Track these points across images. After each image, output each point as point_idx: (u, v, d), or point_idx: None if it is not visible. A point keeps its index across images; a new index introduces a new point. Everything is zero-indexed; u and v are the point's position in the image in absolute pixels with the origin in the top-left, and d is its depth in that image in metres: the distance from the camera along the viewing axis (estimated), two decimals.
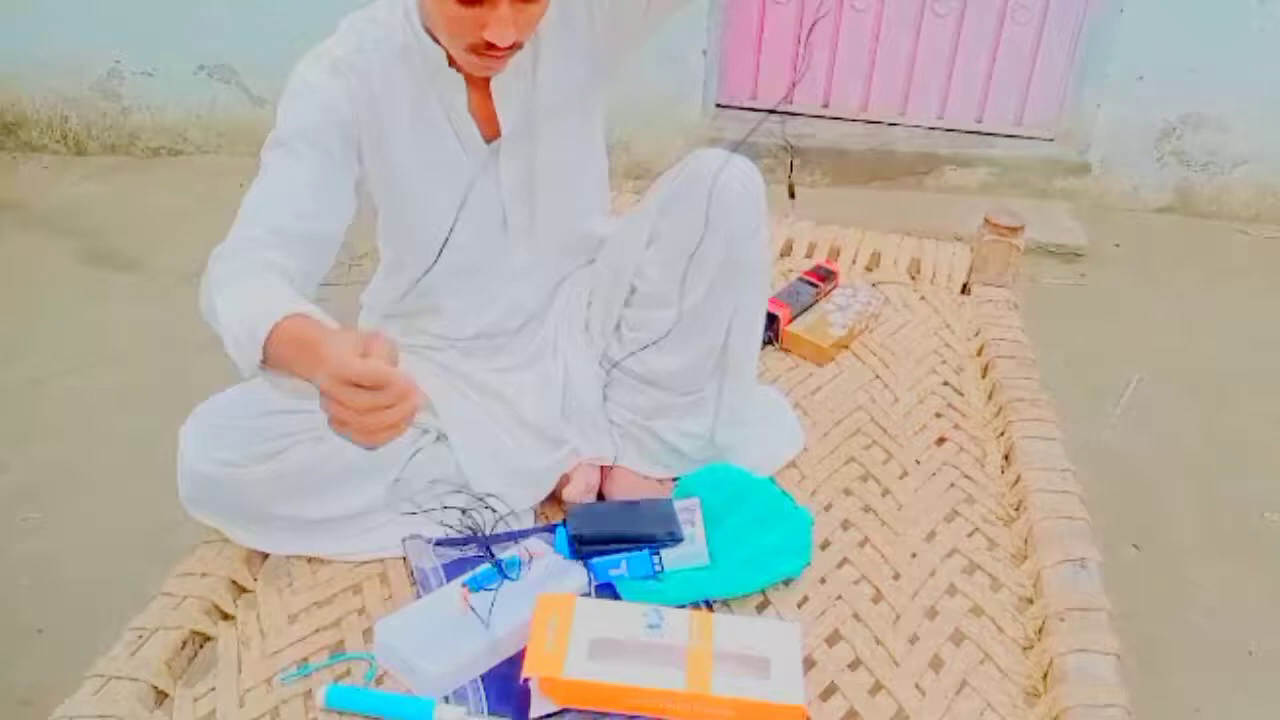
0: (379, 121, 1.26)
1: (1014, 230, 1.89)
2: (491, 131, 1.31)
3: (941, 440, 1.56)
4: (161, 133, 3.53)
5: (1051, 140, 3.38)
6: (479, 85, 1.27)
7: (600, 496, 1.44)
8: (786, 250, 2.04)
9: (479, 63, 1.19)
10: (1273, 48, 3.10)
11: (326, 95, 1.22)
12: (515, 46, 1.17)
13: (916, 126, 3.44)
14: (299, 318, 1.04)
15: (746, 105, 3.46)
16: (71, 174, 3.43)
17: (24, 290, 2.78)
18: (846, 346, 1.78)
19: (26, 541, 1.96)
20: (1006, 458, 1.52)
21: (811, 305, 1.82)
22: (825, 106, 3.44)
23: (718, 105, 3.44)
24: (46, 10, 3.36)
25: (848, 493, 1.46)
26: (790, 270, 1.95)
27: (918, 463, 1.52)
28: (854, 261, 2.01)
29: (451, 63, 1.24)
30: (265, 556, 1.32)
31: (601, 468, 1.44)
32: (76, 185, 3.36)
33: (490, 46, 1.14)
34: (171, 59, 3.41)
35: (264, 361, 1.04)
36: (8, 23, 3.39)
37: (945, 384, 1.70)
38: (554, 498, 1.43)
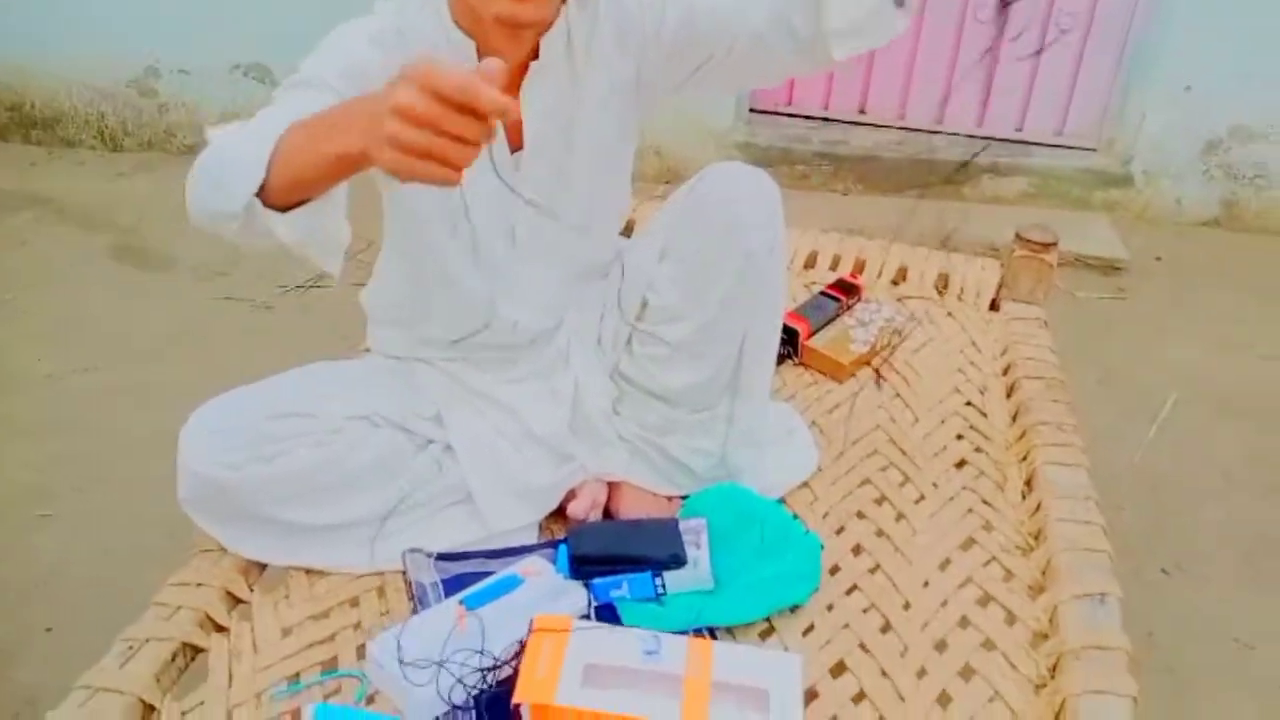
0: None
1: (1047, 246, 1.84)
2: (516, 141, 1.27)
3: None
4: (197, 130, 3.55)
5: (1094, 150, 3.31)
6: (510, 90, 1.23)
7: (607, 513, 1.41)
8: (810, 262, 2.00)
9: (508, 30, 1.14)
10: None
11: (359, 58, 1.17)
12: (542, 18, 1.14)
13: (955, 134, 3.38)
14: (307, 117, 0.97)
15: (781, 110, 3.41)
16: (107, 170, 3.47)
17: (53, 285, 2.80)
18: (868, 363, 1.73)
19: (40, 538, 1.97)
20: (1028, 484, 1.47)
21: (833, 320, 1.78)
22: (861, 113, 3.38)
23: (751, 110, 3.40)
24: (84, 8, 3.39)
25: (861, 516, 1.42)
26: (813, 283, 1.91)
27: (935, 486, 1.47)
28: (879, 275, 1.96)
29: (480, 57, 1.20)
30: (263, 568, 1.31)
31: (609, 484, 1.41)
32: (112, 181, 3.39)
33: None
34: (207, 57, 3.43)
35: (267, 182, 0.97)
36: (47, 20, 3.43)
37: (969, 404, 1.65)
38: (560, 513, 1.40)
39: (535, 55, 1.22)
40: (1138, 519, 2.10)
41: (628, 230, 1.92)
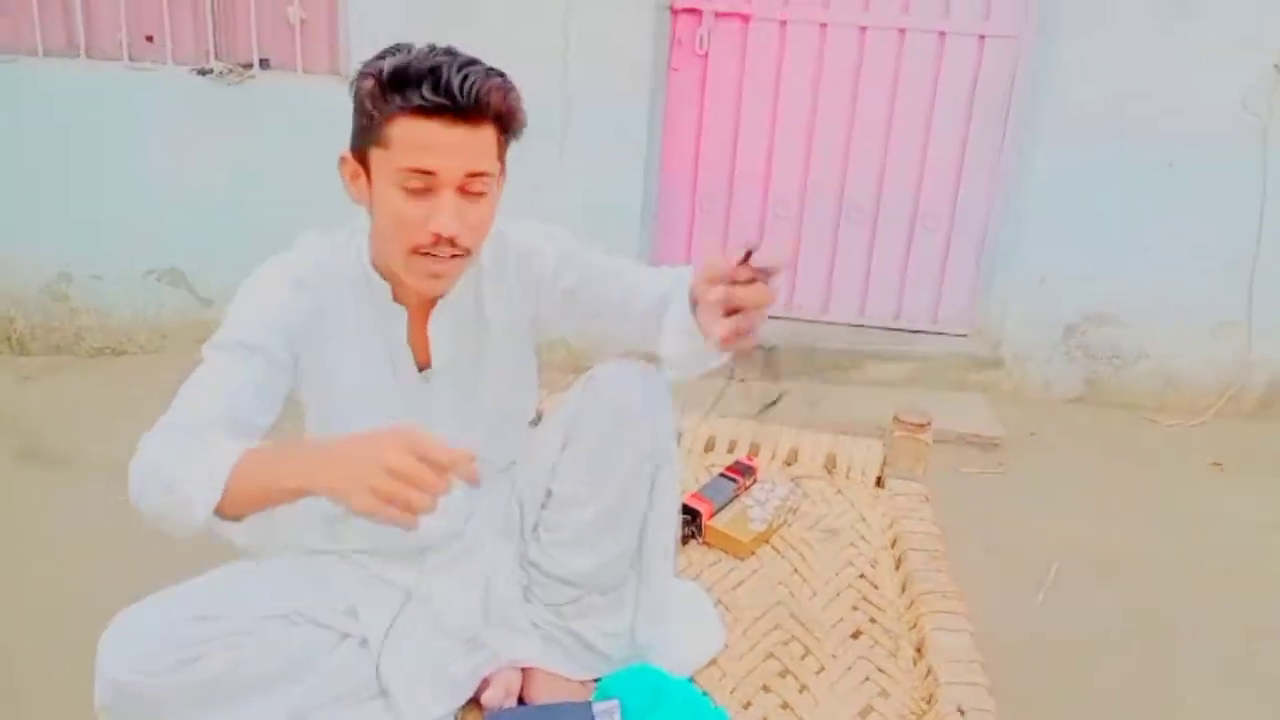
0: (322, 339, 1.34)
1: (921, 426, 2.00)
2: (426, 360, 1.40)
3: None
4: (107, 334, 3.59)
5: (965, 336, 3.58)
6: (419, 318, 1.37)
7: (521, 699, 1.45)
8: (709, 446, 2.12)
9: (424, 268, 1.27)
10: (1160, 257, 3.36)
11: (281, 306, 1.30)
12: (462, 252, 1.26)
13: (839, 324, 3.62)
14: (262, 448, 1.10)
15: None
16: (13, 374, 3.46)
17: None
18: (767, 540, 1.84)
19: None
20: (919, 650, 1.56)
21: (732, 500, 1.89)
22: None
23: None
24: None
25: (766, 689, 1.49)
26: (712, 465, 2.03)
27: (834, 656, 1.56)
28: (773, 457, 2.09)
29: (396, 297, 1.34)
30: None
31: (523, 670, 1.46)
32: (16, 385, 3.38)
33: (436, 242, 1.23)
34: (121, 263, 3.52)
35: (220, 504, 1.10)
36: None
37: (861, 577, 1.76)
38: (475, 701, 1.44)
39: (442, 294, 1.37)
40: (1033, 683, 2.19)
41: (538, 417, 2.03)
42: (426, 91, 1.18)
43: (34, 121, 3.39)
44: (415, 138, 1.20)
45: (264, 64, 3.38)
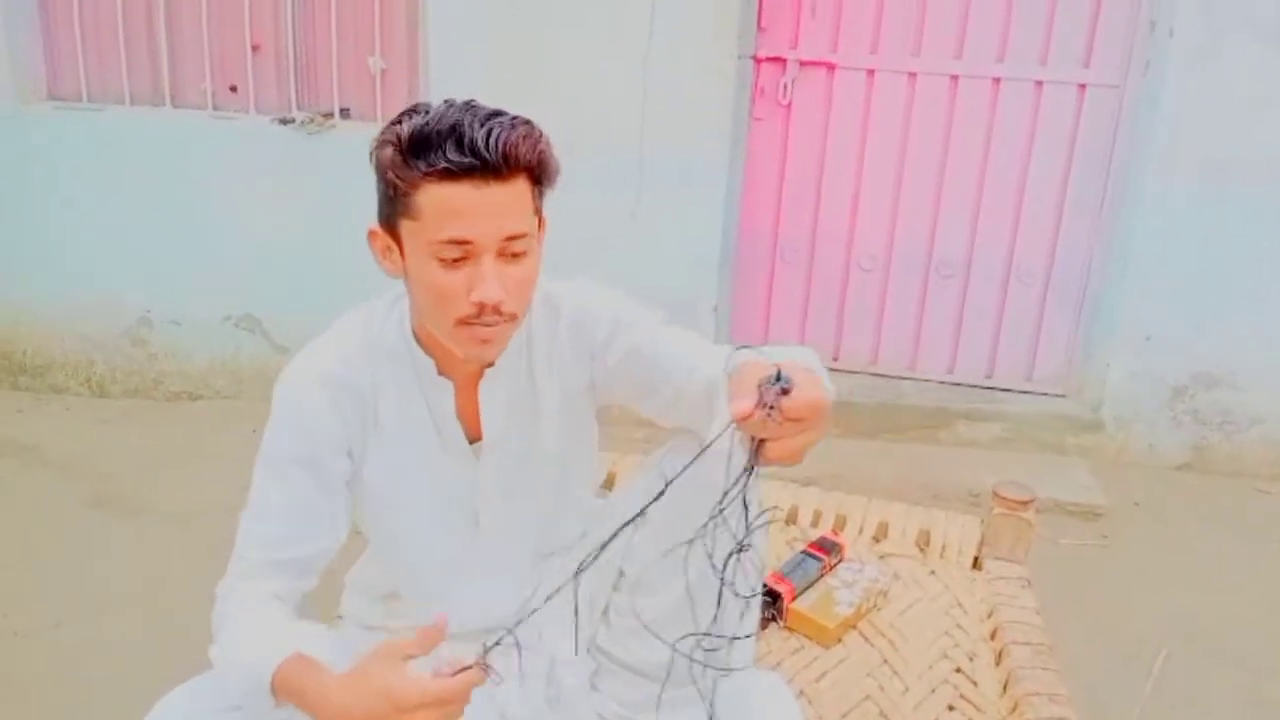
0: (363, 425, 1.27)
1: (1024, 503, 1.85)
2: (476, 433, 1.31)
3: None
4: (184, 378, 3.61)
5: (1063, 396, 3.39)
6: (467, 390, 1.29)
7: None
8: (791, 518, 2.00)
9: (471, 337, 1.18)
10: (1275, 315, 3.14)
11: (314, 414, 1.24)
12: (509, 317, 1.17)
13: (927, 380, 3.47)
14: (294, 662, 1.09)
15: None
16: (91, 417, 3.49)
17: (26, 535, 2.76)
18: (854, 626, 1.70)
19: None
20: None
21: (816, 580, 1.77)
22: (835, 360, 3.49)
23: None
24: (82, 260, 3.53)
25: None
26: (794, 540, 1.90)
27: None
28: (860, 531, 1.96)
29: (441, 370, 1.26)
30: None
31: None
32: (93, 428, 3.41)
33: (480, 311, 1.15)
34: (199, 308, 3.54)
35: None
36: (44, 270, 3.56)
37: (958, 671, 1.61)
38: None
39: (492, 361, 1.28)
40: None
41: (609, 483, 1.94)
42: (451, 153, 1.09)
43: (119, 169, 3.44)
44: (446, 205, 1.11)
45: (344, 113, 3.39)
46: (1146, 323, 3.21)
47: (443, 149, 1.09)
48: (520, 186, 1.14)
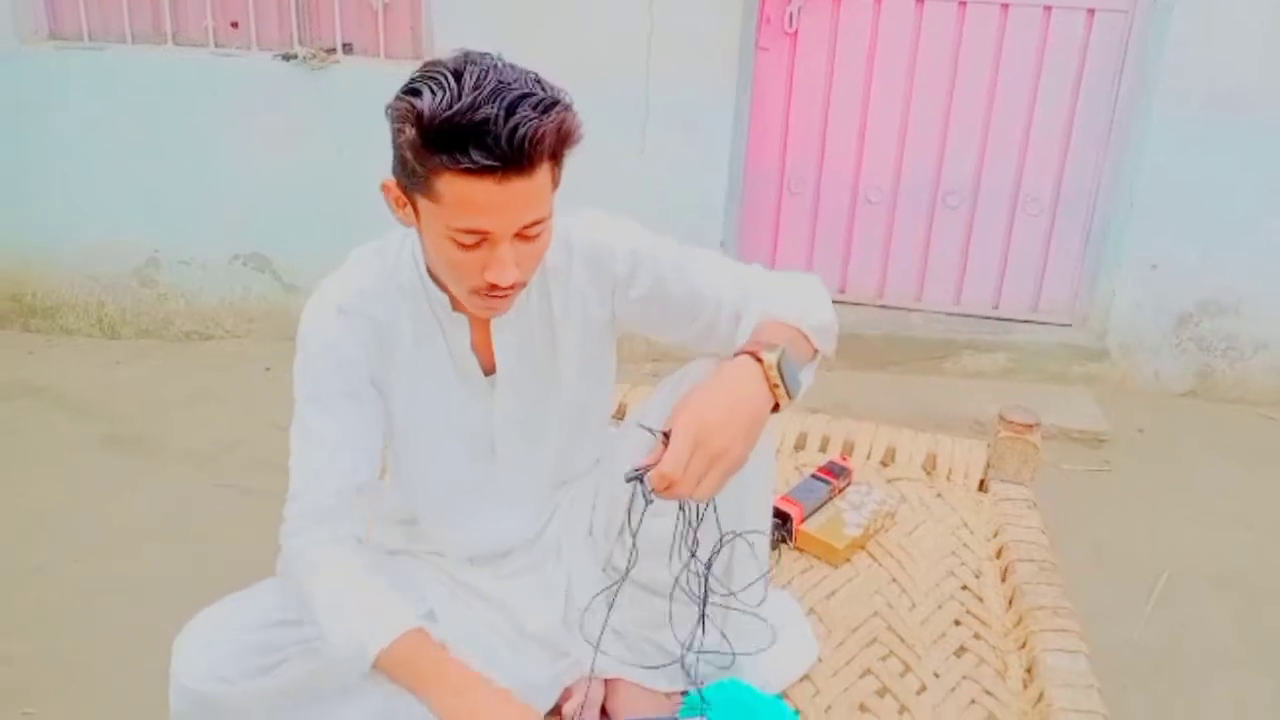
0: (382, 355, 1.28)
1: (1029, 427, 1.87)
2: (492, 366, 1.33)
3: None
4: (194, 318, 3.63)
5: (1069, 326, 3.41)
6: (482, 325, 1.30)
7: (604, 711, 1.38)
8: (800, 444, 2.03)
9: (483, 303, 1.20)
10: (1278, 240, 3.14)
11: (337, 346, 1.24)
12: (517, 286, 1.18)
13: (934, 312, 3.48)
14: (408, 641, 1.13)
15: None
16: (103, 358, 3.52)
17: (43, 475, 2.80)
18: (862, 547, 1.74)
19: None
20: (1029, 671, 1.45)
21: (825, 503, 1.80)
22: (842, 292, 3.50)
23: None
24: (89, 200, 3.53)
25: (863, 709, 1.40)
26: (803, 465, 1.93)
27: (936, 675, 1.46)
28: (868, 456, 1.99)
29: (455, 305, 1.27)
30: None
31: (606, 680, 1.39)
32: (106, 369, 3.44)
33: (493, 287, 1.15)
34: (207, 248, 3.55)
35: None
36: (51, 212, 3.56)
37: (964, 588, 1.65)
38: (557, 711, 1.38)
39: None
40: (1141, 699, 2.06)
41: (620, 413, 1.96)
42: (475, 154, 1.04)
43: (122, 108, 3.42)
44: (466, 198, 1.08)
45: (347, 49, 3.36)
46: (1152, 251, 3.21)
47: (466, 148, 1.04)
48: (542, 173, 1.10)
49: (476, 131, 1.03)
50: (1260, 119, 3.05)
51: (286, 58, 3.32)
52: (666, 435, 1.05)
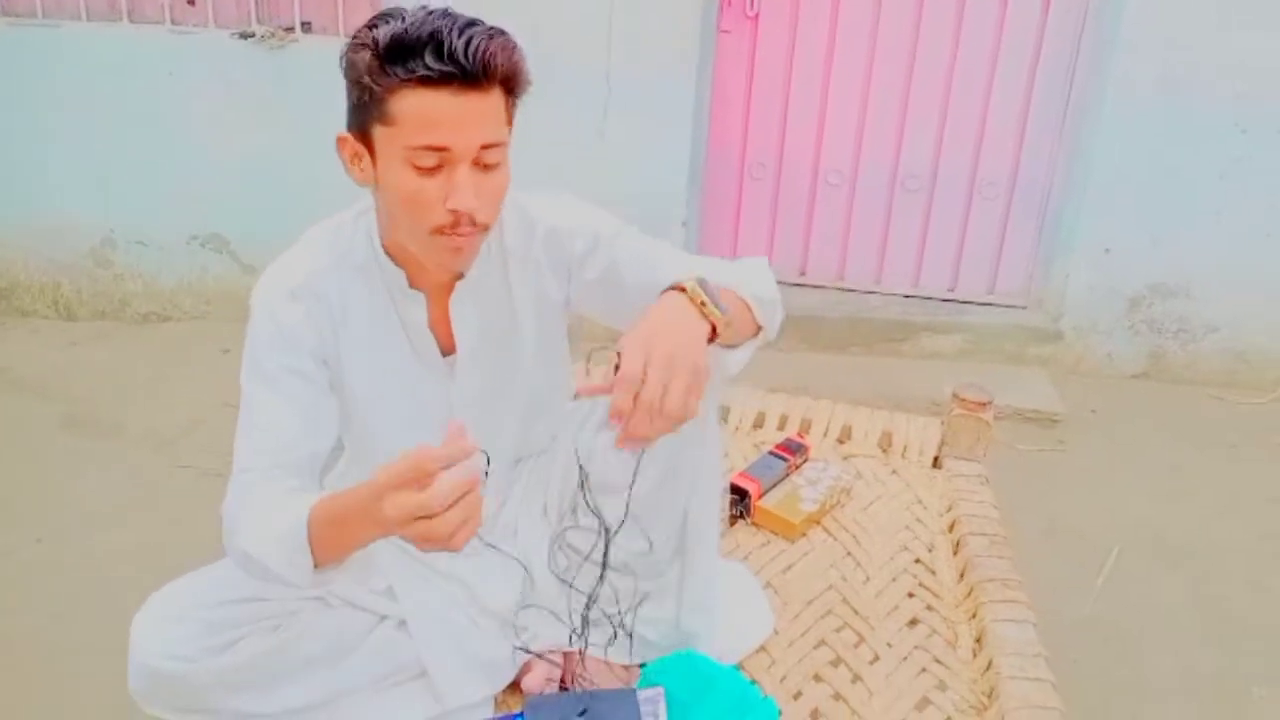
0: (336, 336, 1.29)
1: (982, 405, 1.91)
2: (450, 345, 1.34)
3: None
4: (152, 299, 3.59)
5: (1024, 308, 3.46)
6: (439, 303, 1.31)
7: (563, 685, 1.40)
8: (758, 423, 2.05)
9: (446, 246, 1.19)
10: (1230, 224, 3.21)
11: (290, 325, 1.24)
12: (481, 227, 1.19)
13: (892, 294, 3.52)
14: (320, 502, 1.08)
15: None
16: (61, 339, 3.47)
17: (2, 457, 2.77)
18: (818, 522, 1.77)
19: None
20: (979, 641, 1.49)
21: (782, 479, 1.82)
22: (802, 275, 3.53)
23: None
24: (42, 180, 3.48)
25: (818, 679, 1.43)
26: (761, 443, 1.96)
27: (889, 645, 1.49)
28: (825, 434, 2.02)
29: (412, 282, 1.28)
30: None
31: (564, 655, 1.41)
32: (63, 351, 3.40)
33: (456, 221, 1.16)
34: (164, 228, 3.51)
35: (317, 564, 1.09)
36: (3, 191, 3.50)
37: (917, 561, 1.68)
38: (515, 686, 1.39)
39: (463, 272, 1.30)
40: (1091, 671, 2.11)
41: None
42: (430, 60, 1.08)
43: (77, 86, 3.37)
44: (423, 112, 1.11)
45: (305, 27, 3.33)
46: (1105, 235, 3.27)
47: (422, 56, 1.08)
48: (496, 96, 1.14)
49: (431, 41, 1.09)
50: (1210, 107, 3.10)
51: (244, 36, 3.28)
52: (618, 368, 1.05)
